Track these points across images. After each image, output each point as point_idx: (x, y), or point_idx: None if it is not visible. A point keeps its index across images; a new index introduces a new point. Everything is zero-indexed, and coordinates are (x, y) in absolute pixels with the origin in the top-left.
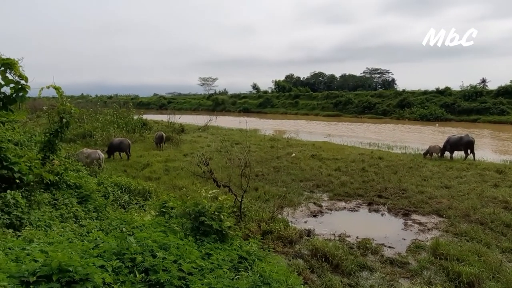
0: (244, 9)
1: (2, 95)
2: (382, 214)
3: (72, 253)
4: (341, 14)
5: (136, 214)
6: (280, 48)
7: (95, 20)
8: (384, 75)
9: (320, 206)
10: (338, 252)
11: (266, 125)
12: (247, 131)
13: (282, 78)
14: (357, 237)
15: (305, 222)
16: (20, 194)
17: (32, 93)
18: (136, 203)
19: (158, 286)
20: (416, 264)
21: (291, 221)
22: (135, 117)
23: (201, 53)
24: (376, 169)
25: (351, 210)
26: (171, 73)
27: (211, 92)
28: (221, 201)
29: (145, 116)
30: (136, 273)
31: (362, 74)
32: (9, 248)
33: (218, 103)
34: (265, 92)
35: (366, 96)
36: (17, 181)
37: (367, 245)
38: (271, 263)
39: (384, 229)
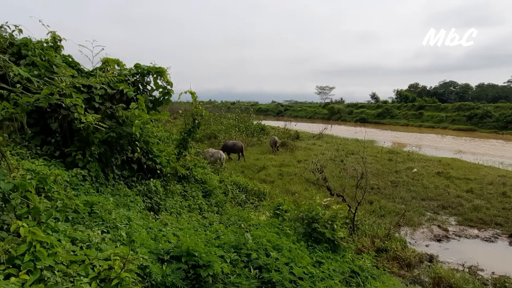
0: (366, 16)
1: (153, 98)
2: None
3: (198, 240)
4: (481, 16)
5: (252, 213)
6: (403, 56)
7: (226, 34)
8: None
9: (446, 230)
10: (468, 286)
11: (384, 137)
12: (364, 141)
13: (404, 87)
14: (492, 273)
15: (427, 245)
16: (160, 183)
17: (171, 98)
18: (252, 203)
19: (270, 285)
20: None
21: (410, 242)
22: (255, 122)
23: (319, 62)
24: None
25: (485, 240)
26: (289, 82)
27: (327, 101)
28: (334, 210)
29: (263, 122)
30: (251, 268)
31: (506, 84)
32: (150, 228)
33: (334, 112)
34: (385, 102)
35: (510, 109)
36: (158, 171)
37: (506, 284)
38: (386, 284)
39: None
